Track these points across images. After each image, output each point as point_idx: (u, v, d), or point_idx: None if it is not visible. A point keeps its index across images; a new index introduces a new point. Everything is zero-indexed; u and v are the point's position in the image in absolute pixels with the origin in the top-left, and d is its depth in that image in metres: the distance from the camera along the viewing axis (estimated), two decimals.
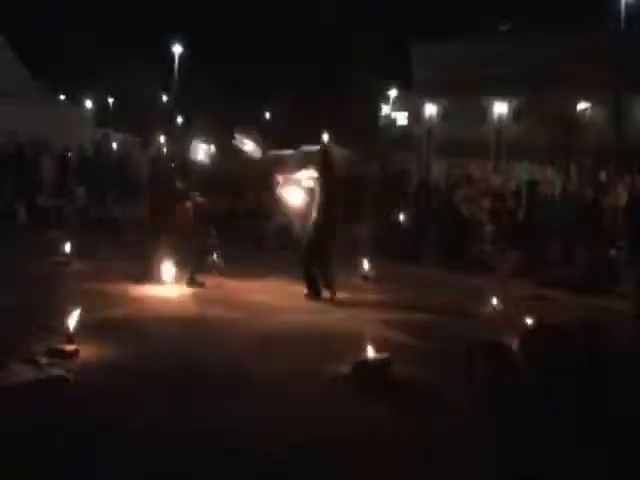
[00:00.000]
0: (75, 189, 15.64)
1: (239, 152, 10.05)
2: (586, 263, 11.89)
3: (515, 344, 6.55)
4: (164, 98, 49.35)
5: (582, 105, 32.86)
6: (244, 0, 44.20)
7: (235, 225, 13.12)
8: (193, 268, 9.45)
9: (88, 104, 40.75)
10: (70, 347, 5.88)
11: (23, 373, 5.26)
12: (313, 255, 9.31)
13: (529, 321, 7.39)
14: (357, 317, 8.36)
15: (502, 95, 36.61)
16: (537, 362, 5.95)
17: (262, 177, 10.55)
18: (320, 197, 9.24)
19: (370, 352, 5.95)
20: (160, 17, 47.43)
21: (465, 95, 37.25)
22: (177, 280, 9.52)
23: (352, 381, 5.77)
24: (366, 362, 5.91)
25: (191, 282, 9.36)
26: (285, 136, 30.00)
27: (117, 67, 39.87)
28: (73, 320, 6.04)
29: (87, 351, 5.97)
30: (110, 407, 4.85)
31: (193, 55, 44.73)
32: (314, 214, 9.27)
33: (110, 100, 51.36)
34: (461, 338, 7.24)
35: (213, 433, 4.60)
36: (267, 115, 45.74)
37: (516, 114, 37.24)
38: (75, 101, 32.48)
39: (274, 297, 9.24)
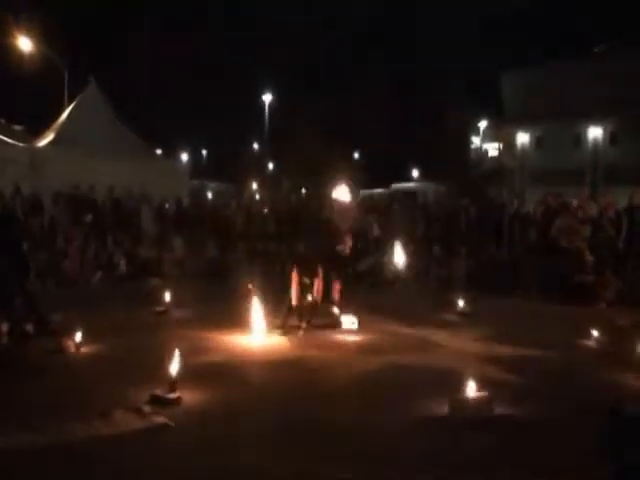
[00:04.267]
0: (173, 239, 16.06)
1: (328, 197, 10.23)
2: None
3: None
4: (255, 146, 50.49)
5: None
6: (330, 42, 44.90)
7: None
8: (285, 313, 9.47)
9: (183, 156, 42.16)
10: (173, 395, 5.98)
11: (127, 422, 5.38)
12: None
13: None
14: (456, 355, 8.21)
15: (597, 119, 35.71)
16: None
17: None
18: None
19: (470, 390, 5.82)
20: (248, 66, 48.80)
21: (558, 121, 36.55)
22: (273, 324, 9.60)
23: (452, 420, 5.65)
24: (466, 400, 5.78)
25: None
26: (376, 174, 30.16)
27: (209, 119, 41.07)
28: (175, 368, 6.13)
29: (189, 398, 6.06)
30: (213, 455, 4.89)
31: (282, 101, 45.69)
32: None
33: (204, 151, 52.98)
34: (565, 374, 7.04)
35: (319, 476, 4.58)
36: (356, 155, 46.04)
37: (612, 137, 36.25)
38: (170, 154, 33.60)
39: (371, 336, 9.19)
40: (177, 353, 6.37)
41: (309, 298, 9.53)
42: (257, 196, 26.22)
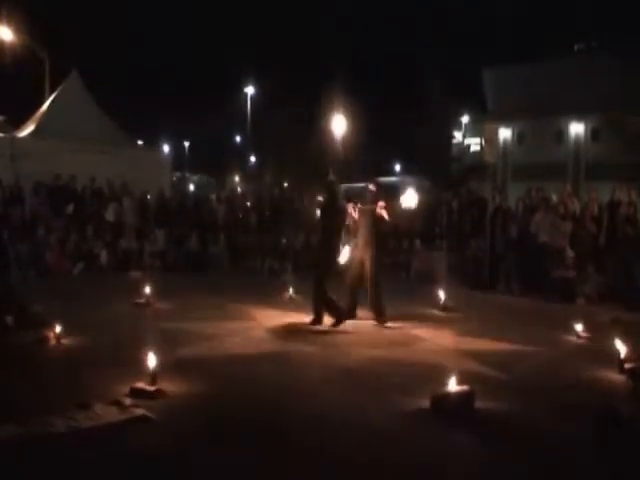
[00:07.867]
0: (154, 231, 15.98)
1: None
2: None
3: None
4: (237, 139, 50.27)
5: None
6: (316, 37, 44.77)
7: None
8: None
9: (165, 148, 41.92)
10: (153, 387, 5.95)
11: (107, 414, 5.34)
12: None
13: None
14: (437, 349, 8.23)
15: (578, 115, 35.88)
16: None
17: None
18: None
19: (452, 385, 5.83)
20: (232, 58, 48.54)
21: (540, 117, 36.65)
22: (258, 317, 9.59)
23: (434, 415, 5.66)
24: (448, 395, 5.78)
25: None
26: (358, 167, 30.07)
27: (191, 111, 40.82)
28: (155, 360, 6.11)
29: (170, 390, 6.02)
30: (193, 448, 4.88)
31: (265, 94, 45.43)
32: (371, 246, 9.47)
33: (186, 143, 52.74)
34: (546, 370, 7.08)
35: (295, 469, 4.58)
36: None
37: (594, 134, 36.41)
38: (152, 146, 33.38)
39: (352, 330, 9.19)
40: (158, 345, 6.34)
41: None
42: (239, 189, 26.13)
